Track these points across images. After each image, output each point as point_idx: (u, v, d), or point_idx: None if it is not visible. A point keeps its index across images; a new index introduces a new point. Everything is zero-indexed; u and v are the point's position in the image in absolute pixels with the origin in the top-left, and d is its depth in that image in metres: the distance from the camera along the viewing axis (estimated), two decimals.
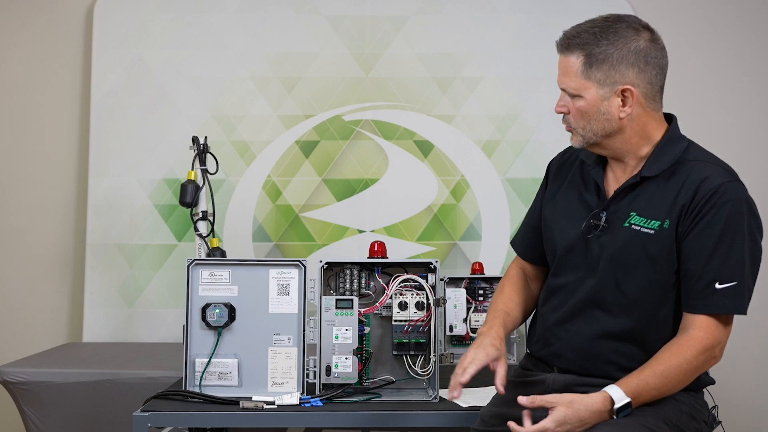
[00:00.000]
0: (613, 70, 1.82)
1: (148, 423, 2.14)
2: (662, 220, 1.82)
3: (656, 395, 1.78)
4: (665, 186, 1.84)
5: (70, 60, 3.69)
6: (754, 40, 3.70)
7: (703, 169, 1.83)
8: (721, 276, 1.78)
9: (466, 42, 3.66)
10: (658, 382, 1.77)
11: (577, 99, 1.85)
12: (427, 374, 2.29)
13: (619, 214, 1.88)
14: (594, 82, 1.83)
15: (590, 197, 1.94)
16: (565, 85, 1.87)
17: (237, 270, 2.35)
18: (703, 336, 1.78)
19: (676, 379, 1.78)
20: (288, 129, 3.63)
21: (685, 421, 1.83)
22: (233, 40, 3.65)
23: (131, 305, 3.54)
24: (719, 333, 1.80)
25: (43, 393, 2.83)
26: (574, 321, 1.92)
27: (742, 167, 2.04)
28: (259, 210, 3.59)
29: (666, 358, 1.78)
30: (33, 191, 3.67)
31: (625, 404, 1.73)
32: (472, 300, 2.91)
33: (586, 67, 1.83)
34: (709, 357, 1.79)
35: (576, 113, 1.86)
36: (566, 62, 1.86)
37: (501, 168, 3.61)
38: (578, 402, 1.73)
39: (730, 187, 1.80)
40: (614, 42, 1.82)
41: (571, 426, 1.72)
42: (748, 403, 3.54)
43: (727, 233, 1.78)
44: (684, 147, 1.88)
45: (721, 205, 1.78)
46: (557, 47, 1.89)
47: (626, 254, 1.85)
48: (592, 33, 1.83)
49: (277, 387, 2.32)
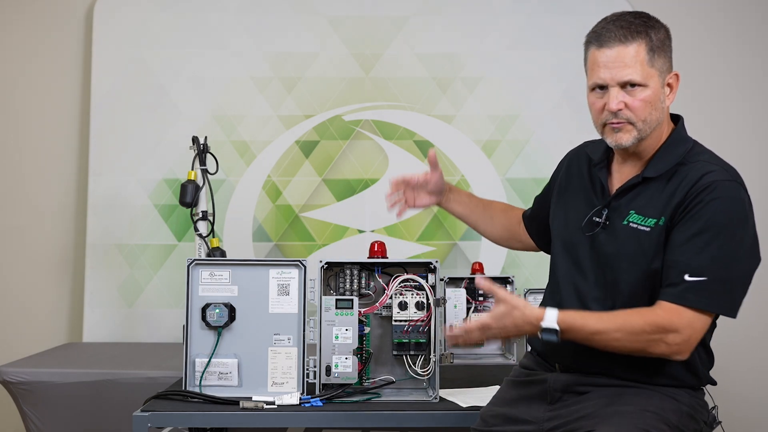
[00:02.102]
0: (666, 57, 1.84)
1: (148, 423, 2.14)
2: (658, 218, 1.82)
3: (590, 341, 1.77)
4: (665, 187, 1.84)
5: (70, 60, 3.69)
6: (754, 39, 3.70)
7: (702, 167, 1.82)
8: (691, 268, 1.76)
9: (466, 42, 3.66)
10: (596, 328, 1.76)
11: (642, 89, 1.82)
12: (427, 374, 2.28)
13: (620, 213, 1.88)
14: (657, 70, 1.82)
15: (594, 195, 1.95)
16: (630, 77, 1.82)
17: (237, 270, 2.35)
18: (660, 313, 1.76)
19: (614, 335, 1.75)
20: (288, 129, 3.63)
21: (686, 422, 1.82)
22: (233, 40, 3.66)
23: (131, 305, 3.54)
24: (678, 321, 1.75)
25: (43, 393, 2.83)
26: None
27: (742, 167, 2.04)
28: (259, 210, 3.59)
29: (616, 313, 1.79)
30: (33, 191, 3.67)
31: (551, 329, 1.76)
32: (472, 300, 2.92)
33: (651, 55, 1.82)
34: (658, 336, 1.75)
35: (640, 105, 1.82)
36: (627, 52, 1.82)
37: (501, 168, 3.61)
38: (519, 309, 1.79)
39: (723, 185, 1.78)
40: (659, 29, 1.84)
41: (506, 324, 1.79)
42: (748, 403, 3.54)
43: (709, 228, 1.75)
44: (688, 148, 1.87)
45: (709, 201, 1.77)
46: (614, 39, 1.83)
47: (623, 252, 1.85)
48: (642, 23, 1.83)
49: (277, 387, 2.32)
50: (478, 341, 1.87)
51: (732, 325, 1.95)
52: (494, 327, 1.81)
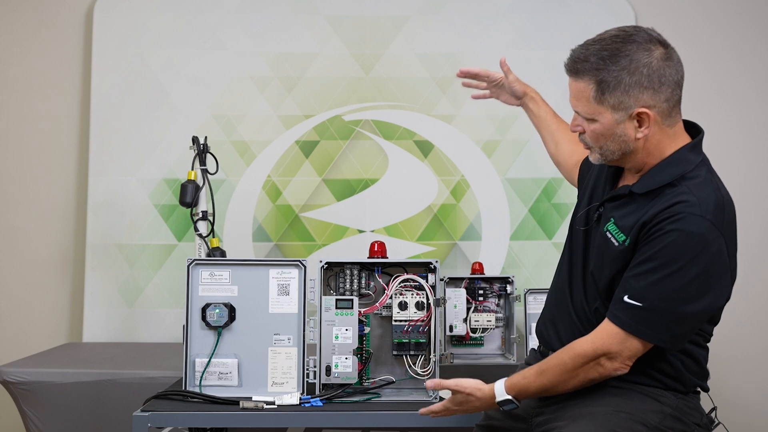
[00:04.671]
0: (626, 95, 1.75)
1: (148, 423, 2.14)
2: (626, 236, 1.80)
3: (539, 393, 1.86)
4: (646, 205, 1.80)
5: (70, 60, 3.69)
6: (754, 39, 3.70)
7: (679, 194, 1.75)
8: (631, 291, 1.75)
9: (466, 42, 3.66)
10: (538, 382, 1.84)
11: (592, 122, 1.82)
12: (427, 374, 2.29)
13: (605, 216, 1.89)
14: (608, 107, 1.77)
15: (600, 193, 1.96)
16: (578, 109, 1.84)
17: (237, 270, 2.35)
18: (590, 341, 1.79)
19: (554, 380, 1.83)
20: (288, 129, 3.63)
21: (669, 423, 1.82)
22: (233, 40, 3.65)
23: (131, 305, 3.54)
24: (613, 343, 1.76)
25: (43, 393, 2.83)
26: (560, 316, 1.99)
27: (743, 167, 2.04)
28: (259, 210, 3.59)
29: (549, 359, 1.85)
30: (33, 191, 3.67)
31: (506, 400, 1.86)
32: (472, 300, 2.92)
33: (599, 93, 1.77)
34: (591, 364, 1.79)
35: (591, 135, 1.83)
36: (577, 87, 1.82)
37: (501, 168, 3.61)
38: (474, 395, 1.89)
39: (687, 219, 1.71)
40: (626, 67, 1.74)
41: (469, 408, 1.93)
42: (748, 404, 3.54)
43: (659, 257, 1.72)
44: (687, 170, 1.79)
45: (668, 231, 1.72)
46: (566, 70, 1.84)
47: (597, 255, 1.88)
48: (601, 57, 1.76)
49: (277, 387, 2.32)
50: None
51: (734, 328, 1.95)
52: (459, 411, 1.95)
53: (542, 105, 2.42)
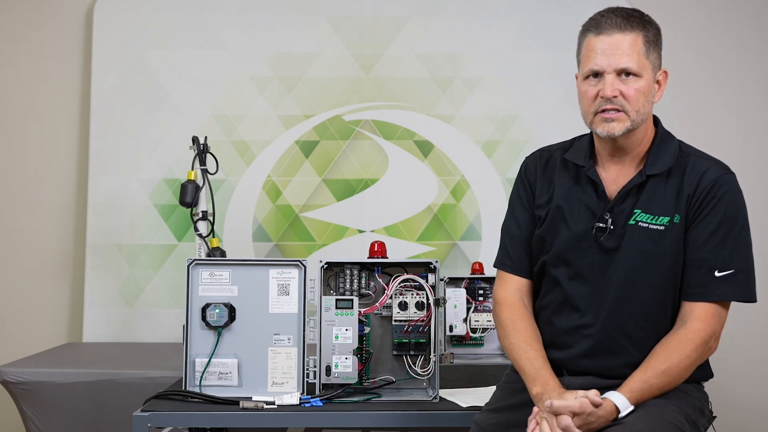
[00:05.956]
0: (658, 53, 1.85)
1: (148, 423, 2.14)
2: (671, 216, 1.83)
3: (659, 393, 1.79)
4: (665, 182, 1.85)
5: (70, 60, 3.69)
6: (755, 38, 3.70)
7: (701, 162, 1.86)
8: (719, 264, 1.81)
9: (466, 42, 3.66)
10: (661, 382, 1.78)
11: (636, 79, 1.81)
12: (427, 374, 2.28)
13: (624, 214, 1.86)
14: (650, 63, 1.83)
15: (589, 198, 1.90)
16: (626, 64, 1.81)
17: (237, 270, 2.35)
18: (701, 328, 1.80)
19: (678, 375, 1.79)
20: (288, 129, 3.63)
21: (697, 416, 1.83)
22: (233, 40, 3.66)
23: (131, 305, 3.54)
24: (715, 323, 1.81)
25: (43, 393, 2.83)
26: (589, 326, 1.88)
27: (743, 167, 2.04)
28: (259, 210, 3.59)
29: (667, 356, 1.78)
30: (33, 191, 3.67)
31: (630, 411, 1.74)
32: (472, 300, 2.92)
33: (646, 47, 1.82)
34: (706, 349, 1.82)
35: (635, 95, 1.81)
36: (625, 40, 1.81)
37: (501, 168, 3.61)
38: (594, 414, 1.72)
39: (727, 179, 1.84)
40: (654, 26, 1.85)
41: (594, 428, 1.73)
42: (740, 398, 3.54)
43: (725, 223, 1.82)
44: (677, 144, 1.90)
45: (720, 197, 1.82)
46: (606, 28, 1.81)
47: (635, 252, 1.83)
48: (639, 16, 1.84)
49: (277, 387, 2.32)
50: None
51: (734, 328, 1.95)
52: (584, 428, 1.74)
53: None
